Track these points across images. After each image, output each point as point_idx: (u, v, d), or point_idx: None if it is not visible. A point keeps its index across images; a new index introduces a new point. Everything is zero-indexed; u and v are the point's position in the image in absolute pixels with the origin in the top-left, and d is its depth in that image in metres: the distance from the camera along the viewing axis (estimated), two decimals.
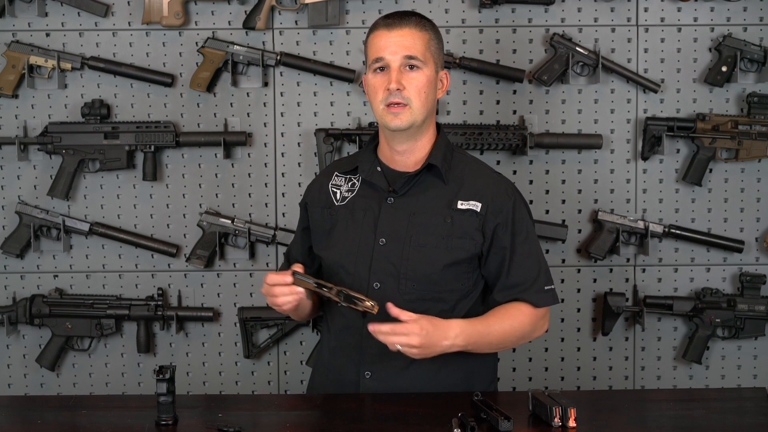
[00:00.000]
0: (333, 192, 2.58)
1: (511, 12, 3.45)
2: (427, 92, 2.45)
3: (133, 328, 3.49)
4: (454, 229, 2.48)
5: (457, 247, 2.48)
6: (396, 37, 2.44)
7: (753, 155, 3.46)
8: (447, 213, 2.49)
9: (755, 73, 3.47)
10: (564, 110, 3.49)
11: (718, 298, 3.49)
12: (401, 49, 2.43)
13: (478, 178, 2.54)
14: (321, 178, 2.66)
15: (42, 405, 2.55)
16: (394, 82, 2.42)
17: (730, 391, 3.20)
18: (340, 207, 2.55)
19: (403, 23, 2.46)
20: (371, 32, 2.50)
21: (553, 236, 3.48)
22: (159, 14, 3.38)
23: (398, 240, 2.48)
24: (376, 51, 2.46)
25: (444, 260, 2.46)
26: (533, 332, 2.54)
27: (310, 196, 2.64)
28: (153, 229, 3.51)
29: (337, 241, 2.53)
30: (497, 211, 2.49)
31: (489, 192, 2.51)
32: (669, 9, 3.46)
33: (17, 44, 3.40)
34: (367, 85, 2.51)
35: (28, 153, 3.46)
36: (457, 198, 2.50)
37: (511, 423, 2.14)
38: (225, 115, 3.47)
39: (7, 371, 3.54)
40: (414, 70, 2.44)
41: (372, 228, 2.49)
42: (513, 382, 3.55)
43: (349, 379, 2.50)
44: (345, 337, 2.52)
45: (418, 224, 2.48)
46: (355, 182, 2.57)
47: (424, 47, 2.46)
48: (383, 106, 2.44)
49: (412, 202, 2.50)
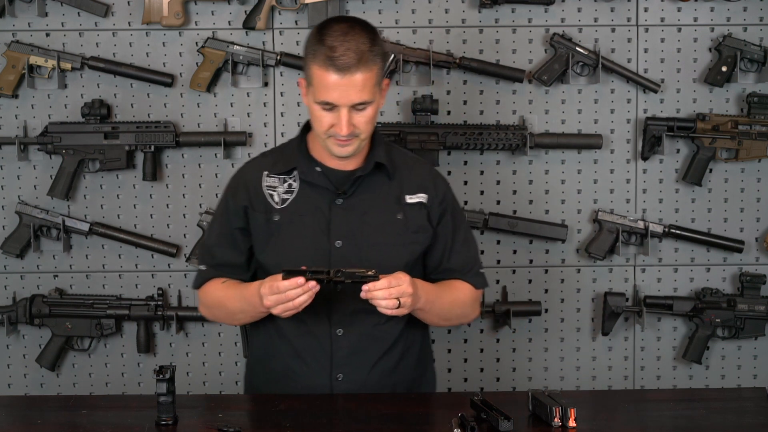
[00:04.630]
0: (269, 194, 2.50)
1: (511, 12, 3.45)
2: (374, 120, 2.42)
3: (133, 328, 3.49)
4: (408, 224, 2.49)
5: (414, 241, 2.50)
6: (346, 86, 2.33)
7: (753, 155, 3.46)
8: (398, 209, 2.50)
9: (755, 73, 3.47)
10: (564, 110, 3.49)
11: (718, 298, 3.49)
12: (353, 96, 2.34)
13: (417, 170, 2.56)
14: (246, 177, 2.53)
15: (42, 405, 2.55)
16: (345, 130, 2.35)
17: (730, 391, 3.20)
18: (282, 211, 2.48)
19: (356, 69, 2.32)
20: (317, 62, 2.35)
21: (553, 236, 3.48)
22: (159, 14, 3.38)
23: (355, 241, 2.46)
24: (324, 93, 2.35)
25: (404, 256, 2.45)
26: (472, 313, 2.61)
27: (243, 200, 2.51)
28: (153, 229, 3.51)
29: (285, 246, 2.47)
30: (440, 200, 2.54)
31: (429, 182, 2.54)
32: (669, 9, 3.46)
33: (17, 44, 3.40)
34: (310, 110, 2.41)
35: (28, 153, 3.46)
36: (404, 192, 2.51)
37: (511, 423, 2.14)
38: (225, 115, 3.47)
39: (7, 371, 3.54)
40: (363, 109, 2.38)
41: (325, 230, 2.46)
42: (513, 382, 3.55)
43: (319, 383, 2.48)
44: (308, 342, 2.48)
45: (372, 223, 2.47)
46: (292, 183, 2.50)
47: (373, 83, 2.37)
48: (328, 137, 2.39)
49: (361, 201, 2.48)
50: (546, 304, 3.54)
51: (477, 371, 3.56)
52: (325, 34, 2.37)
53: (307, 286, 2.27)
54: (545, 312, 3.54)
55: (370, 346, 2.48)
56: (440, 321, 2.56)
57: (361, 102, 2.36)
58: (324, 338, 2.47)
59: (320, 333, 2.47)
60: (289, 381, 2.50)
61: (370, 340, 2.48)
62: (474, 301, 2.60)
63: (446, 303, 2.51)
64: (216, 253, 2.55)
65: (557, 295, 3.54)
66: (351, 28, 2.37)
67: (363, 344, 2.48)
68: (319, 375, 2.48)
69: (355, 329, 2.47)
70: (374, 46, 2.37)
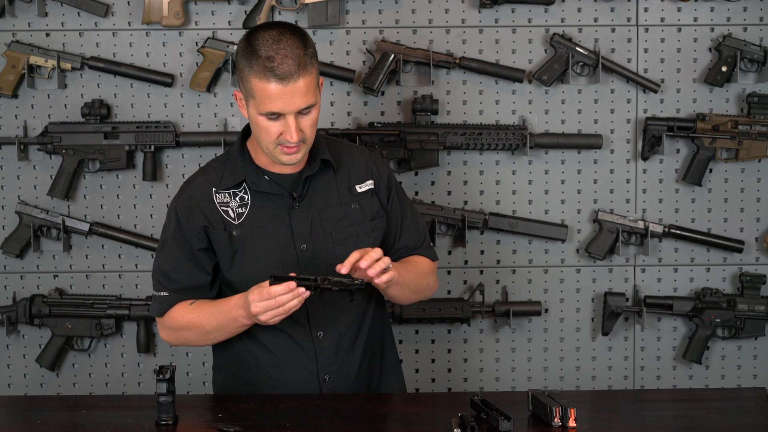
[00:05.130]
0: (224, 211, 2.46)
1: (511, 12, 3.45)
2: (317, 120, 2.40)
3: (133, 328, 3.49)
4: (364, 213, 2.51)
5: (374, 228, 2.52)
6: (291, 93, 2.30)
7: (753, 155, 3.46)
8: (351, 199, 2.51)
9: (755, 73, 3.47)
10: (564, 110, 3.49)
11: (718, 298, 3.49)
12: (298, 102, 2.32)
13: (357, 157, 2.56)
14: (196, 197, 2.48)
15: (42, 405, 2.55)
16: (295, 137, 2.33)
17: (730, 391, 3.20)
18: (241, 225, 2.45)
19: (297, 75, 2.29)
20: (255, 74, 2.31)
21: (553, 236, 3.48)
22: (159, 14, 3.38)
23: (318, 241, 2.46)
24: (268, 104, 2.31)
25: (369, 244, 2.44)
26: (435, 284, 2.65)
27: (200, 220, 2.45)
28: (153, 229, 3.50)
29: (251, 259, 2.44)
30: (385, 183, 2.56)
31: (372, 168, 2.55)
32: (669, 9, 3.46)
33: (17, 44, 3.40)
34: (254, 123, 2.38)
35: (28, 153, 3.46)
36: (353, 182, 2.52)
37: (511, 423, 2.14)
38: (225, 115, 3.47)
39: (7, 371, 3.54)
40: (308, 112, 2.36)
41: (288, 237, 2.45)
42: (513, 382, 3.55)
43: (307, 386, 2.48)
44: (291, 350, 2.48)
45: (331, 219, 2.48)
46: (243, 196, 2.47)
47: (315, 86, 2.36)
48: (276, 146, 2.37)
49: (316, 200, 2.48)
50: (546, 304, 3.54)
51: (477, 371, 3.56)
52: (257, 44, 2.32)
53: (297, 292, 2.25)
54: (545, 312, 3.54)
55: (350, 341, 2.51)
56: (411, 294, 2.58)
57: (306, 106, 2.34)
58: (306, 343, 2.48)
59: (302, 339, 2.48)
60: (274, 390, 2.50)
61: (348, 336, 2.51)
62: (434, 272, 2.64)
63: (413, 275, 2.54)
64: (176, 278, 2.48)
65: (557, 295, 3.55)
66: (281, 35, 2.32)
67: (343, 341, 2.50)
68: (306, 380, 2.49)
69: (334, 329, 2.49)
70: (308, 48, 2.35)
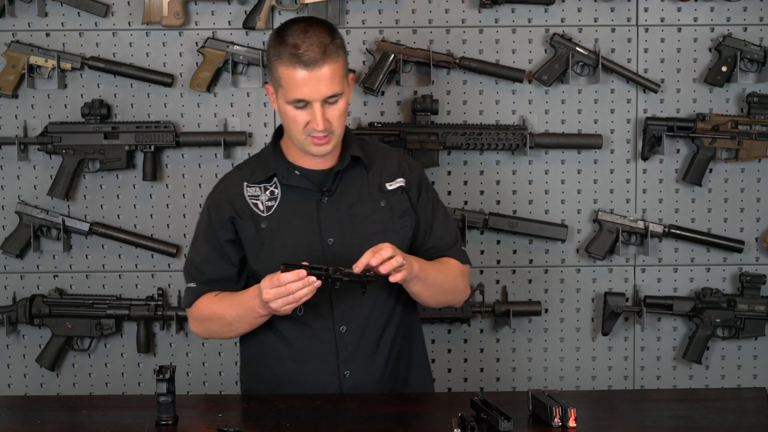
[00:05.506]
0: (253, 204, 2.51)
1: (511, 12, 3.45)
2: (346, 114, 2.45)
3: (133, 328, 3.49)
4: (393, 210, 2.53)
5: (403, 225, 2.53)
6: (316, 79, 2.36)
7: (753, 155, 3.46)
8: (381, 196, 2.53)
9: (755, 73, 3.47)
10: (564, 110, 3.49)
11: (718, 298, 3.49)
12: (323, 90, 2.37)
13: (390, 157, 2.60)
14: (227, 191, 2.54)
15: (42, 405, 2.55)
16: (321, 124, 2.37)
17: (730, 391, 3.20)
18: (269, 218, 2.50)
19: (322, 62, 2.36)
20: (282, 62, 2.37)
21: (553, 236, 3.48)
22: (159, 14, 3.38)
23: (346, 235, 2.48)
24: (295, 91, 2.37)
25: (396, 243, 2.43)
26: (464, 287, 2.62)
27: (228, 211, 2.51)
28: (153, 229, 3.51)
29: (278, 252, 2.47)
30: (417, 182, 2.58)
31: (404, 167, 2.58)
32: (669, 9, 3.46)
33: (17, 44, 3.40)
34: (283, 113, 2.43)
35: (28, 153, 3.46)
36: (384, 180, 2.55)
37: (511, 423, 2.14)
38: (225, 115, 3.47)
39: (7, 371, 3.54)
40: (335, 102, 2.40)
41: (316, 230, 2.48)
42: (513, 382, 3.55)
43: (328, 382, 2.49)
44: (313, 344, 2.49)
45: (359, 215, 2.50)
46: (273, 190, 2.52)
47: (342, 75, 2.41)
48: (305, 136, 2.41)
49: (345, 196, 2.51)
50: (546, 304, 3.54)
51: (477, 371, 3.56)
52: (286, 34, 2.40)
53: (307, 280, 2.27)
54: (545, 312, 3.54)
55: (374, 338, 2.50)
56: (438, 294, 2.56)
57: (332, 94, 2.38)
58: (328, 337, 2.48)
59: (324, 332, 2.48)
60: (295, 384, 2.51)
61: (372, 333, 2.50)
62: (464, 275, 2.62)
63: (439, 273, 2.53)
64: (205, 270, 2.54)
65: (557, 295, 3.55)
66: (310, 26, 2.40)
67: (366, 338, 2.49)
68: (326, 375, 2.49)
69: (358, 325, 2.49)
70: (335, 39, 2.41)
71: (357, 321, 2.49)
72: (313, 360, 2.50)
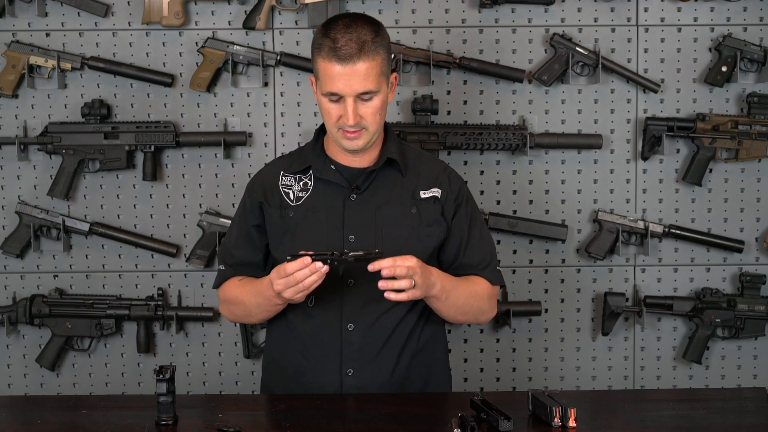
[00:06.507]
0: (285, 192, 2.56)
1: (511, 12, 3.45)
2: (382, 112, 2.46)
3: (133, 328, 3.49)
4: (421, 218, 2.53)
5: (429, 234, 2.53)
6: (350, 75, 2.39)
7: (753, 155, 3.46)
8: (412, 203, 2.53)
9: (755, 73, 3.47)
10: (564, 110, 3.49)
11: (718, 298, 3.49)
12: (356, 86, 2.40)
13: (430, 166, 2.60)
14: (264, 177, 2.61)
15: (42, 405, 2.55)
16: (351, 120, 2.40)
17: (730, 391, 3.20)
18: (297, 207, 2.54)
19: (357, 58, 2.38)
20: (321, 55, 2.42)
21: (553, 236, 3.48)
22: (159, 14, 3.38)
23: (368, 235, 2.49)
24: (329, 84, 2.41)
25: (419, 250, 2.46)
26: (490, 309, 2.61)
27: (259, 196, 2.58)
28: (153, 229, 3.51)
29: (299, 241, 2.49)
30: (455, 196, 2.57)
31: (443, 178, 2.58)
32: (669, 9, 3.46)
33: (17, 44, 3.40)
34: (320, 105, 2.47)
35: (28, 153, 3.46)
36: (419, 188, 2.55)
37: (511, 423, 2.14)
38: (225, 115, 3.47)
39: (7, 371, 3.54)
40: (369, 99, 2.42)
41: (339, 226, 2.50)
42: (513, 382, 3.55)
43: (330, 379, 2.50)
44: (320, 338, 2.51)
45: (385, 217, 2.51)
46: (307, 182, 2.56)
47: (378, 74, 2.42)
48: (337, 129, 2.45)
49: (375, 196, 2.52)
50: (546, 304, 3.54)
51: (477, 371, 3.56)
52: (330, 28, 2.44)
53: (313, 267, 2.29)
54: (545, 312, 3.54)
55: (382, 340, 2.50)
56: (457, 314, 2.56)
57: (365, 92, 2.41)
58: (334, 333, 2.49)
59: (331, 329, 2.49)
60: (301, 379, 2.53)
61: (381, 335, 2.50)
62: (491, 297, 2.60)
63: (462, 294, 2.52)
64: (235, 254, 2.62)
65: (557, 295, 3.55)
66: (354, 21, 2.43)
67: (374, 339, 2.49)
68: (328, 370, 2.50)
69: (366, 324, 2.49)
70: (377, 37, 2.43)
71: (365, 321, 2.49)
72: (317, 354, 2.51)
